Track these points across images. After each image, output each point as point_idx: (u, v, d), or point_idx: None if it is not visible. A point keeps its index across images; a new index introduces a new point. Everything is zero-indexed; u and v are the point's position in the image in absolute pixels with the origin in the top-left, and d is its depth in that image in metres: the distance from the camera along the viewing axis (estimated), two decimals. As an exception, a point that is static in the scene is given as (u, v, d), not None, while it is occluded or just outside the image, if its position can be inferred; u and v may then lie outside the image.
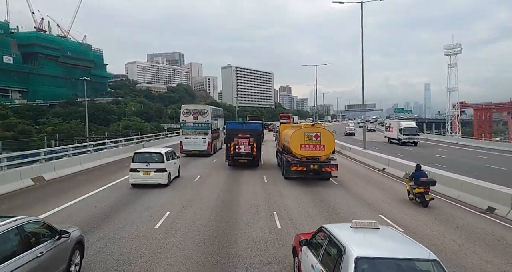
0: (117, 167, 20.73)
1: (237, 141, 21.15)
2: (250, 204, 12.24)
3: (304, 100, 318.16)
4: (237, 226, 9.74)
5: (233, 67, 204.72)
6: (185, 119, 27.60)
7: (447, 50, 70.09)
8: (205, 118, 27.56)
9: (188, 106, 28.79)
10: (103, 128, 72.05)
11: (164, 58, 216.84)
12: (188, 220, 10.24)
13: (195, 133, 27.47)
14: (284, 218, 10.56)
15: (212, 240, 8.55)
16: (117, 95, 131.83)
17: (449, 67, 70.20)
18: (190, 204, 12.19)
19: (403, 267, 4.28)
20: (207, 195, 13.87)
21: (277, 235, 8.96)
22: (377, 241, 5.08)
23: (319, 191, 15.09)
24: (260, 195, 14.00)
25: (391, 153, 29.36)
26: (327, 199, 13.61)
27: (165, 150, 16.20)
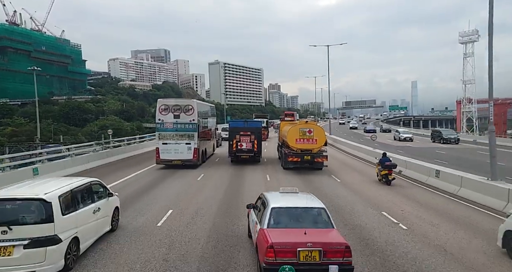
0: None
1: (239, 139, 22.35)
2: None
3: (294, 98, 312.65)
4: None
5: (221, 63, 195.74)
6: (162, 118, 20.80)
7: (462, 38, 63.11)
8: (190, 116, 20.83)
9: (166, 101, 21.80)
10: (76, 129, 64.29)
11: (148, 55, 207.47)
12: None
13: (177, 137, 20.73)
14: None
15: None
16: (98, 93, 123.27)
17: (465, 57, 63.01)
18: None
19: (300, 212, 7.08)
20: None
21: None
22: (291, 199, 7.63)
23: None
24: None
25: (432, 161, 23.25)
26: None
27: (62, 188, 7.27)
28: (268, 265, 5.98)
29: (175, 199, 13.08)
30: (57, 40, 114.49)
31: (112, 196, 9.29)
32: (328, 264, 5.90)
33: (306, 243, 5.98)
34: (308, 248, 5.94)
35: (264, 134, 38.13)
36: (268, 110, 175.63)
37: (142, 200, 12.86)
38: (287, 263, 5.86)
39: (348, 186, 16.16)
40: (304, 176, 18.66)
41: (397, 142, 43.07)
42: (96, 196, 8.60)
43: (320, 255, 5.95)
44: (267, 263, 5.99)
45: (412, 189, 15.59)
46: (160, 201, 12.81)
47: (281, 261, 5.91)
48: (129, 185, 15.84)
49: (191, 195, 13.91)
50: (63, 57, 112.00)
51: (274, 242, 6.02)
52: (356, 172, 20.43)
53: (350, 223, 10.24)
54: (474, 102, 63.86)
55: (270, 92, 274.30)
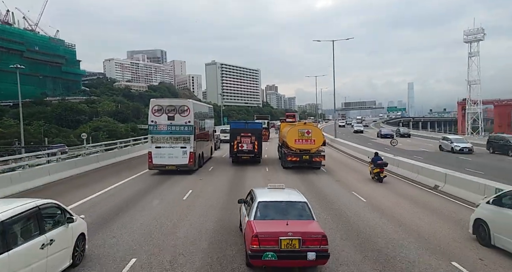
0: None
1: (240, 140, 22.67)
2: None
3: (292, 99, 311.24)
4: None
5: (217, 63, 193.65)
6: (155, 119, 19.14)
7: (467, 36, 60.92)
8: (186, 117, 19.20)
9: (160, 101, 20.14)
10: (68, 130, 62.28)
11: (145, 56, 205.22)
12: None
13: (171, 140, 19.10)
14: None
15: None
16: (92, 94, 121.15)
17: (469, 56, 60.89)
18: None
19: (284, 205, 7.73)
20: None
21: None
22: (277, 194, 8.31)
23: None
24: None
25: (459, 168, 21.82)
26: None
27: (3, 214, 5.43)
28: (253, 252, 6.62)
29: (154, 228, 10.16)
30: (50, 40, 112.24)
31: (75, 221, 7.04)
32: (306, 251, 6.53)
33: (287, 232, 6.62)
34: (289, 237, 6.57)
35: (265, 135, 39.81)
36: (265, 111, 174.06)
37: (118, 221, 10.37)
38: (270, 250, 6.51)
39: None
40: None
41: (448, 155, 31.31)
42: (49, 224, 6.45)
43: (299, 243, 6.58)
44: (252, 251, 6.63)
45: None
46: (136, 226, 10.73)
47: (265, 248, 6.54)
48: (107, 200, 13.17)
49: (173, 222, 10.17)
50: (57, 57, 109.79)
51: (259, 231, 6.69)
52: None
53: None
54: (479, 103, 62.10)
55: (267, 93, 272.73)
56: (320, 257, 6.58)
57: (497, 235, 8.15)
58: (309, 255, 6.48)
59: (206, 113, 25.49)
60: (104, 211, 11.60)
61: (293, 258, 6.63)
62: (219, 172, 20.38)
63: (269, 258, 6.46)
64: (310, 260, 6.51)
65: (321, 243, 6.63)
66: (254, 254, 6.60)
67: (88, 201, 12.96)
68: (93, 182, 16.77)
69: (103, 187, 15.44)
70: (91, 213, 10.98)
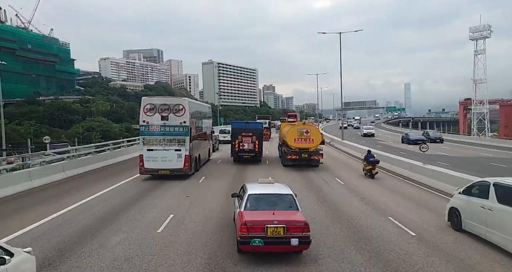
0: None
1: (241, 139, 23.07)
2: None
3: (289, 99, 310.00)
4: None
5: (214, 62, 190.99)
6: (147, 119, 17.46)
7: (473, 34, 58.54)
8: (181, 117, 17.53)
9: (152, 99, 18.38)
10: (59, 130, 60.21)
11: (141, 55, 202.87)
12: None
13: (164, 142, 17.43)
14: None
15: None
16: (87, 93, 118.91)
17: (475, 54, 58.69)
18: None
19: (272, 198, 8.35)
20: None
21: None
22: (266, 188, 9.02)
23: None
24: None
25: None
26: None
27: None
28: (242, 238, 7.27)
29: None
30: (44, 38, 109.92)
31: (7, 263, 4.95)
32: (290, 237, 7.19)
33: (273, 221, 7.28)
34: (274, 225, 7.22)
35: (266, 135, 40.47)
36: (263, 111, 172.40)
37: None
38: (257, 237, 7.15)
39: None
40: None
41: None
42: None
43: (284, 230, 7.22)
44: (241, 237, 7.28)
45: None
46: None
47: (253, 235, 7.18)
48: (73, 221, 10.49)
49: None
50: (50, 56, 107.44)
51: (247, 220, 7.35)
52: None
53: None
54: (485, 103, 60.17)
55: (264, 93, 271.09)
56: (302, 243, 7.31)
57: (466, 221, 9.43)
58: (293, 241, 7.20)
59: (203, 112, 23.81)
60: (62, 238, 8.86)
61: (278, 244, 7.33)
62: (218, 176, 18.71)
63: (256, 243, 7.18)
64: (293, 245, 7.24)
65: (304, 230, 7.34)
66: (243, 240, 7.32)
67: (46, 223, 10.18)
68: (67, 193, 14.38)
69: (76, 200, 12.96)
70: (45, 243, 8.49)
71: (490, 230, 8.53)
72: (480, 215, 8.89)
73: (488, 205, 8.66)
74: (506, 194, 8.25)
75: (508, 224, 7.98)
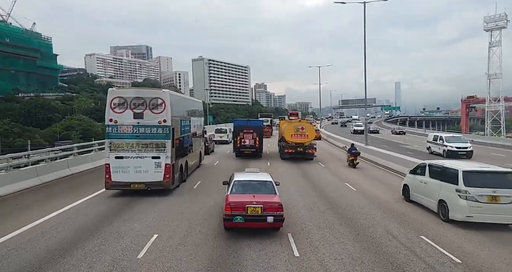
0: None
1: (243, 136, 24.91)
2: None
3: (282, 98, 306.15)
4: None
5: (205, 59, 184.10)
6: (116, 117, 13.35)
7: (487, 24, 52.94)
8: (160, 115, 13.49)
9: (122, 91, 14.26)
10: (34, 130, 55.23)
11: (129, 51, 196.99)
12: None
13: (138, 148, 13.35)
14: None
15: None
16: (71, 90, 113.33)
17: (490, 46, 53.24)
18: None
19: (254, 184, 9.84)
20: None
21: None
22: (250, 176, 10.68)
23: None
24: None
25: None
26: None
27: None
28: (226, 216, 8.79)
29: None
30: (25, 33, 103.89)
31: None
32: (266, 216, 8.68)
33: (252, 202, 8.79)
34: (253, 205, 8.73)
35: (268, 132, 43.91)
36: (255, 109, 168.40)
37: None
38: (238, 215, 8.64)
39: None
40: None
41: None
42: None
43: (261, 210, 8.71)
44: (226, 215, 8.81)
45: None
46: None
47: (235, 213, 8.67)
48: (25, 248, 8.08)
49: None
50: (31, 51, 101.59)
51: (231, 201, 8.93)
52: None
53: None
54: (501, 100, 54.46)
55: (256, 91, 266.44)
56: (277, 220, 8.77)
57: (412, 193, 12.86)
58: (268, 218, 8.66)
59: (192, 109, 19.66)
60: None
61: (256, 221, 8.73)
62: (210, 189, 14.68)
63: (238, 220, 8.63)
64: (269, 222, 8.69)
65: (278, 210, 8.82)
66: (227, 218, 8.77)
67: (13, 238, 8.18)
68: (39, 202, 11.86)
69: (52, 209, 10.75)
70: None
71: (424, 198, 11.96)
72: (420, 188, 12.26)
73: (424, 179, 12.08)
74: (434, 171, 11.77)
75: (432, 191, 11.42)
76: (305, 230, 9.45)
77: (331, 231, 9.44)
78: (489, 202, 9.82)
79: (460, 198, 10.12)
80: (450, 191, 10.50)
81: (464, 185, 10.09)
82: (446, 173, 11.02)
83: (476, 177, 10.29)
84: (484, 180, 10.22)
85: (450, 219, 10.31)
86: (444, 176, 11.06)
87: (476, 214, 9.84)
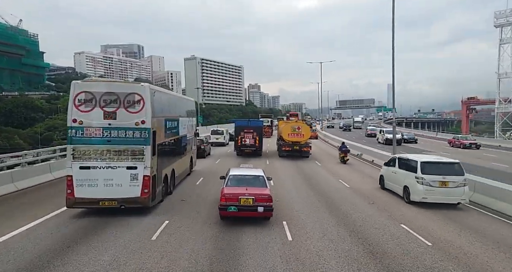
0: None
1: (243, 135, 26.26)
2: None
3: (276, 98, 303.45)
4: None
5: (198, 58, 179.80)
6: (81, 117, 10.65)
7: (497, 20, 49.58)
8: (137, 114, 10.82)
9: (90, 85, 11.08)
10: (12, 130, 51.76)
11: (119, 50, 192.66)
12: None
13: (110, 155, 10.67)
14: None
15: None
16: (58, 89, 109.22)
17: (501, 43, 50.01)
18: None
19: (247, 178, 10.92)
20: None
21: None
22: (244, 171, 11.93)
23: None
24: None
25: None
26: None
27: None
28: (221, 206, 9.88)
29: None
30: (8, 29, 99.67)
31: None
32: (257, 206, 9.76)
33: (245, 193, 9.89)
34: (245, 196, 9.82)
35: (268, 132, 46.13)
36: (248, 110, 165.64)
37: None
38: (232, 205, 9.72)
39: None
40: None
41: None
42: None
43: (253, 201, 9.78)
44: (221, 205, 9.89)
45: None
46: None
47: (229, 204, 9.76)
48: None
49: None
50: (15, 48, 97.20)
51: (226, 192, 10.02)
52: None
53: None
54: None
55: (250, 91, 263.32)
56: (266, 210, 9.87)
57: (386, 182, 15.33)
58: (259, 208, 9.75)
59: (181, 107, 16.91)
60: None
61: (248, 211, 9.82)
62: (199, 204, 12.02)
63: (232, 210, 9.72)
64: (259, 212, 9.78)
65: (267, 201, 9.92)
66: (222, 208, 9.86)
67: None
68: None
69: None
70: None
71: (394, 185, 14.60)
72: (391, 177, 14.99)
73: (394, 170, 14.72)
74: (401, 163, 14.36)
75: (399, 179, 14.00)
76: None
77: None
78: (440, 186, 12.29)
79: (418, 183, 12.57)
80: (411, 178, 12.91)
81: (421, 173, 12.54)
82: (410, 164, 13.51)
83: (431, 166, 12.74)
84: (436, 169, 12.64)
85: (411, 201, 12.82)
86: (408, 167, 13.55)
87: (430, 196, 12.32)
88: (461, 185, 12.28)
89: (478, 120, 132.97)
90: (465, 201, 12.43)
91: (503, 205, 11.96)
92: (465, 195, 12.29)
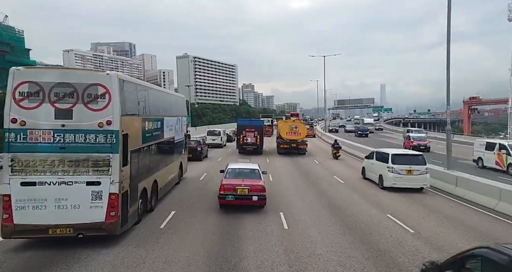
0: None
1: (245, 134, 27.82)
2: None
3: (270, 98, 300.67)
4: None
5: (190, 56, 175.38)
6: (24, 117, 7.88)
7: (511, 13, 48.85)
8: (101, 112, 8.16)
9: (36, 73, 8.36)
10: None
11: (110, 48, 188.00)
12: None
13: (62, 166, 7.98)
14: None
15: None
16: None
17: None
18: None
19: (244, 171, 12.23)
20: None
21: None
22: (242, 165, 13.48)
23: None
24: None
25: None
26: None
27: None
28: (220, 195, 11.13)
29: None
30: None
31: None
32: (252, 195, 11.04)
33: (241, 184, 11.15)
34: (242, 187, 11.08)
35: (269, 131, 47.93)
36: (242, 110, 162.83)
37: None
38: (230, 194, 10.98)
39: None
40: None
41: None
42: None
43: (248, 190, 11.07)
44: (220, 194, 11.15)
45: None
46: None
47: (227, 193, 11.01)
48: None
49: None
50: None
51: (224, 183, 11.27)
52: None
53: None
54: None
55: (244, 91, 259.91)
56: (260, 199, 11.13)
57: (366, 172, 17.90)
58: (253, 197, 11.03)
59: (166, 105, 14.02)
60: None
61: (244, 199, 11.07)
62: (190, 227, 9.35)
63: (229, 198, 10.98)
64: (254, 200, 11.06)
65: (261, 191, 11.17)
66: (221, 196, 11.12)
67: None
68: None
69: None
70: None
71: (372, 174, 17.10)
72: (370, 168, 17.46)
73: (372, 162, 17.13)
74: (378, 155, 16.78)
75: (376, 170, 16.52)
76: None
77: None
78: (407, 174, 14.98)
79: (389, 172, 15.20)
80: (384, 168, 15.53)
81: (392, 163, 15.22)
82: (384, 156, 16.11)
83: (399, 158, 15.45)
84: (404, 160, 15.35)
85: (384, 187, 15.41)
86: (382, 158, 16.11)
87: (398, 182, 15.03)
88: (423, 173, 14.99)
89: (473, 121, 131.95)
90: (427, 186, 15.18)
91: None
92: (427, 181, 15.06)
